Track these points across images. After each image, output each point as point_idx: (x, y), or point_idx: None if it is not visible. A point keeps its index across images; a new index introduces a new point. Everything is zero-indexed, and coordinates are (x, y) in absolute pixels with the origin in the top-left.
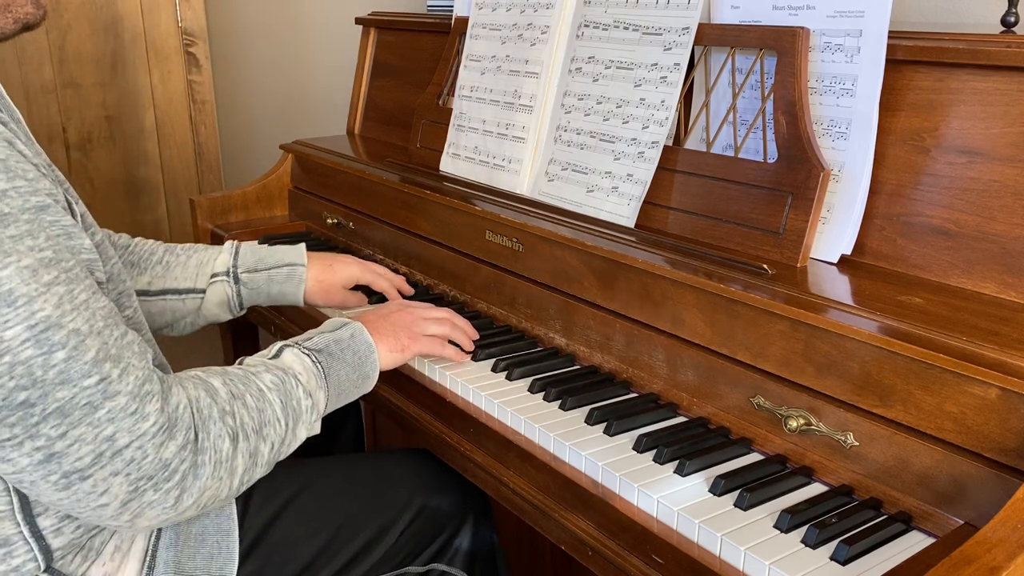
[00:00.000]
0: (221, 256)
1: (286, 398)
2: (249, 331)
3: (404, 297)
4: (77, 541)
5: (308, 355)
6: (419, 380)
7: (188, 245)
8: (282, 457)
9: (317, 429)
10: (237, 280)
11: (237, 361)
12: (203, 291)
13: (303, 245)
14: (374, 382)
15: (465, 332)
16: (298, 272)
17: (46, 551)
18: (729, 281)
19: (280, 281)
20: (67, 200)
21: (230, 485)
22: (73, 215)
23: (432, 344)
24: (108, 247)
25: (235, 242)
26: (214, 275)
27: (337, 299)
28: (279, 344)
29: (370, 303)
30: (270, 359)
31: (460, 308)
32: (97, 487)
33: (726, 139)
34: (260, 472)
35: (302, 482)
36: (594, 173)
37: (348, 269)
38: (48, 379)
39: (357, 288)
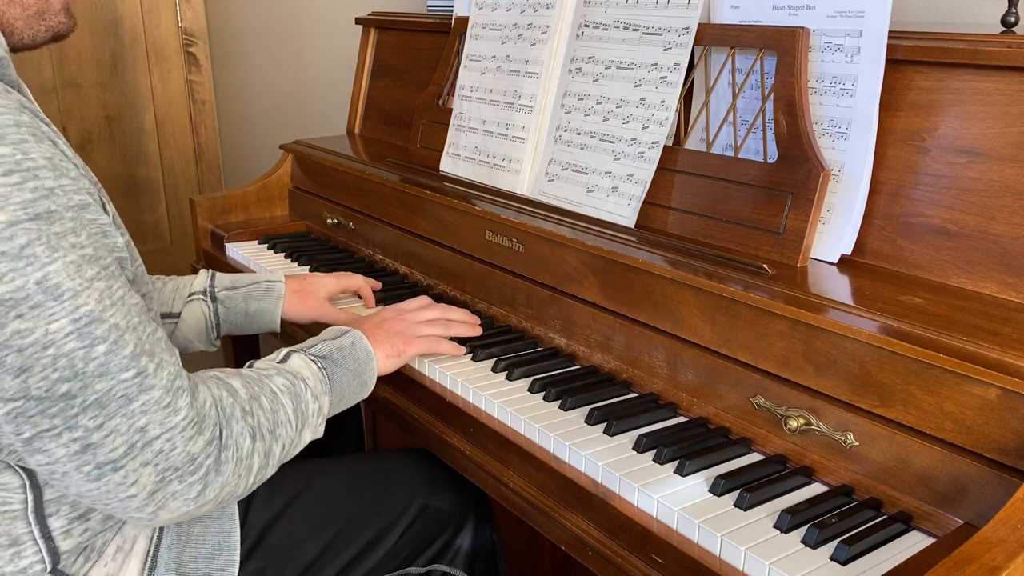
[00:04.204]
0: (198, 279)
1: (296, 401)
2: None
3: (374, 290)
4: (84, 543)
5: (314, 361)
6: (419, 380)
7: (162, 276)
8: (287, 459)
9: (320, 433)
10: (214, 299)
11: (246, 364)
12: (178, 315)
13: (280, 272)
14: (371, 388)
15: (464, 322)
16: (276, 288)
17: (54, 552)
18: (729, 281)
19: (258, 297)
20: (101, 200)
21: (246, 483)
22: (106, 214)
23: (428, 343)
24: (134, 248)
25: (210, 270)
26: (191, 295)
27: (318, 310)
28: (285, 350)
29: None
30: (278, 363)
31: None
32: (128, 478)
33: (726, 139)
34: (269, 472)
35: (303, 483)
36: (594, 173)
37: (323, 281)
38: (89, 371)
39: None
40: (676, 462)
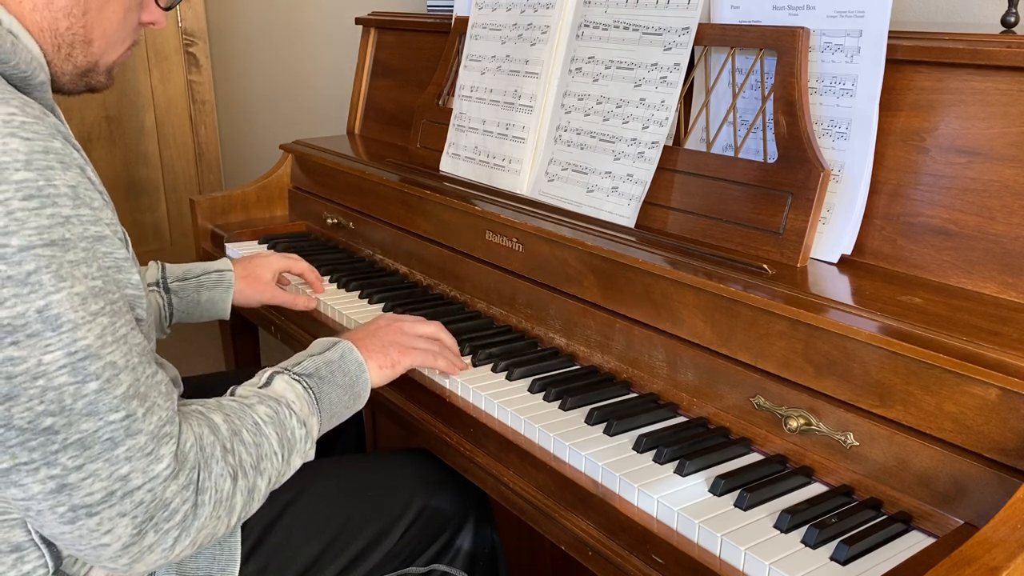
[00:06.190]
0: (149, 270)
1: (281, 430)
2: (249, 331)
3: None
4: None
5: (299, 381)
6: (419, 381)
7: None
8: (277, 487)
9: (311, 456)
10: (168, 290)
11: (228, 391)
12: None
13: (226, 259)
14: (365, 400)
15: (453, 356)
16: (227, 277)
17: (56, 556)
18: (729, 281)
19: (210, 287)
20: (124, 234)
21: (228, 523)
22: (125, 249)
23: (424, 356)
24: (143, 281)
25: (159, 261)
26: (147, 286)
27: (266, 293)
28: (268, 371)
29: (291, 287)
30: (261, 388)
31: (460, 308)
32: (102, 525)
33: (726, 139)
34: (255, 506)
35: (304, 483)
36: (594, 173)
37: (267, 260)
38: (76, 408)
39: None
40: (676, 462)
